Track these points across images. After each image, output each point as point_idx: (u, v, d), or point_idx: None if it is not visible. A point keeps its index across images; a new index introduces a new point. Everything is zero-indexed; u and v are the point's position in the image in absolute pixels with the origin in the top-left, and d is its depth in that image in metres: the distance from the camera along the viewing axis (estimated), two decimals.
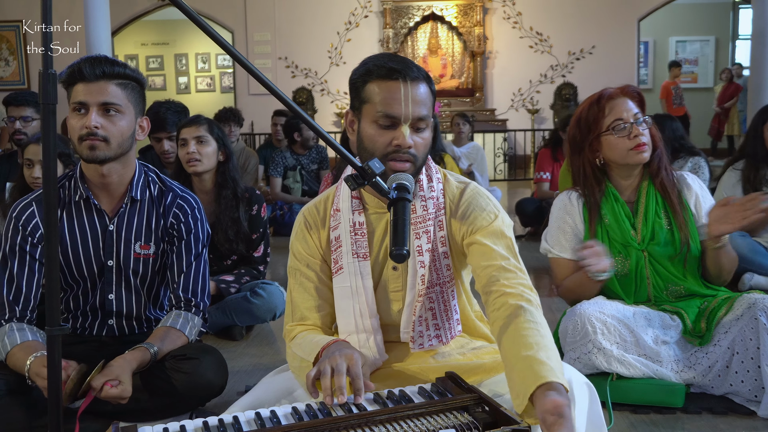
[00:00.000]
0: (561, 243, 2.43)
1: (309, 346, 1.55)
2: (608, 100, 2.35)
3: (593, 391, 1.51)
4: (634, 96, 2.36)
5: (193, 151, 2.99)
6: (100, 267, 2.05)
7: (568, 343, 2.26)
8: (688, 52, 13.59)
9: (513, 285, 1.49)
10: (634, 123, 2.30)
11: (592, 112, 2.36)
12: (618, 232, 2.35)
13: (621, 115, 2.31)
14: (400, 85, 1.52)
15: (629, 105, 2.33)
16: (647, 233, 2.34)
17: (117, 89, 1.91)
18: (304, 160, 6.04)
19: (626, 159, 2.32)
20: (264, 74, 1.26)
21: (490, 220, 1.60)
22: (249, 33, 10.73)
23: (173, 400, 1.97)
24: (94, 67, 1.88)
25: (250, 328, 3.29)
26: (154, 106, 3.82)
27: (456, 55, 10.70)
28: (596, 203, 2.38)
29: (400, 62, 1.54)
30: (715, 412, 2.19)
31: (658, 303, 2.35)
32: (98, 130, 1.89)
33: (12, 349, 1.87)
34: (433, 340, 1.64)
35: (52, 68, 1.20)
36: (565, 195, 2.48)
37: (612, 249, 2.35)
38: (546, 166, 5.19)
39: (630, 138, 2.29)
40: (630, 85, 2.39)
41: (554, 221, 2.47)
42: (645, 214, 2.36)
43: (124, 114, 1.93)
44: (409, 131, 1.53)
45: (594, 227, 2.37)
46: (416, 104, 1.53)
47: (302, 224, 1.72)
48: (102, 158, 1.93)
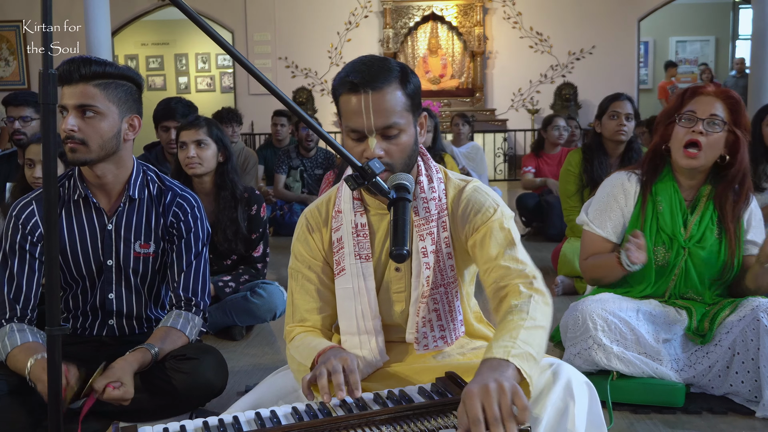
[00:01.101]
0: (602, 220, 2.40)
1: (306, 351, 1.56)
2: (696, 93, 2.29)
3: (593, 390, 1.50)
4: (728, 100, 2.26)
5: (193, 156, 2.99)
6: (99, 266, 2.05)
7: (568, 338, 2.27)
8: (688, 52, 13.59)
9: (507, 283, 1.49)
10: (704, 120, 2.23)
11: (677, 101, 2.33)
12: (669, 222, 2.32)
13: (696, 108, 2.25)
14: (360, 98, 1.49)
15: (713, 105, 2.24)
16: (697, 234, 2.30)
17: (95, 90, 1.88)
18: (308, 163, 6.04)
19: (677, 156, 2.28)
20: (264, 74, 1.26)
21: (490, 215, 1.59)
22: (249, 33, 10.73)
23: (173, 400, 1.96)
24: (72, 70, 1.86)
25: (250, 328, 3.29)
26: (164, 100, 3.99)
27: (456, 55, 10.69)
28: (650, 185, 2.34)
29: (362, 72, 1.50)
30: (715, 412, 2.19)
31: (670, 300, 2.35)
32: (75, 133, 1.87)
33: (12, 351, 1.87)
34: (438, 342, 1.64)
35: (52, 68, 1.20)
36: (624, 174, 2.42)
37: (657, 238, 2.32)
38: (529, 163, 5.68)
39: (689, 131, 2.23)
40: (730, 90, 2.29)
41: (603, 197, 2.42)
42: (701, 214, 2.32)
43: (104, 115, 1.90)
44: (378, 140, 1.50)
45: (645, 211, 2.34)
46: (380, 114, 1.49)
47: (304, 226, 1.72)
48: (83, 161, 1.92)
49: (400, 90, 1.52)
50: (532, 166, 5.62)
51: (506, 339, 1.31)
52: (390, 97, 1.50)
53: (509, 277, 1.50)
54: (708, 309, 2.29)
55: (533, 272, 1.52)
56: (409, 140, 1.55)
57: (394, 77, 1.51)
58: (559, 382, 1.42)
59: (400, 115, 1.51)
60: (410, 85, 1.54)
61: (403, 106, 1.52)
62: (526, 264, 1.53)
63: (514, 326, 1.36)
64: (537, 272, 1.53)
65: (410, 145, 1.55)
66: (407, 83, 1.53)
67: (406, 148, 1.54)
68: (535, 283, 1.49)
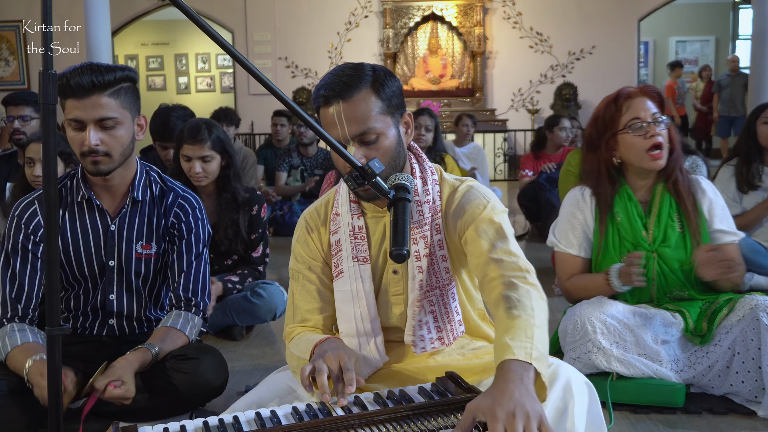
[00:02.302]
0: (569, 238, 2.41)
1: (305, 345, 1.57)
2: (626, 98, 2.31)
3: (593, 390, 1.50)
4: (654, 96, 2.32)
5: (199, 172, 2.95)
6: (101, 267, 2.05)
7: (567, 342, 2.26)
8: (688, 52, 13.59)
9: (501, 275, 1.47)
10: (652, 122, 2.27)
11: (610, 110, 2.33)
12: (629, 231, 2.34)
13: (639, 114, 2.28)
14: (332, 110, 1.50)
15: (648, 104, 2.29)
16: (659, 235, 2.32)
17: (110, 100, 1.85)
18: (308, 163, 6.05)
19: (642, 162, 2.30)
20: (264, 74, 1.26)
21: (480, 210, 1.59)
22: (249, 33, 10.72)
23: (173, 400, 1.97)
24: (83, 81, 1.81)
25: (250, 328, 3.29)
26: (161, 111, 3.72)
27: (456, 55, 10.69)
28: (608, 202, 2.35)
29: (333, 83, 1.50)
30: (716, 412, 2.19)
31: (660, 303, 2.35)
32: (99, 147, 1.86)
33: (12, 350, 1.87)
34: (435, 343, 1.64)
35: (52, 68, 1.20)
36: (578, 191, 2.45)
37: (621, 249, 2.33)
38: (528, 165, 5.57)
39: (646, 137, 2.27)
40: (650, 85, 2.34)
41: (564, 215, 2.45)
42: (658, 215, 2.34)
43: (121, 123, 1.89)
44: (357, 148, 1.50)
45: (605, 225, 2.35)
46: (353, 122, 1.49)
47: (304, 228, 1.73)
48: (106, 171, 1.92)
49: (374, 95, 1.52)
50: (531, 168, 5.51)
51: (522, 338, 1.29)
52: (361, 104, 1.50)
53: (502, 269, 1.49)
54: (703, 308, 2.29)
55: (526, 266, 1.50)
56: (391, 143, 1.55)
57: (365, 83, 1.51)
58: (559, 382, 1.42)
59: (375, 119, 1.51)
60: (385, 89, 1.54)
61: (379, 110, 1.52)
62: (519, 257, 1.52)
63: (526, 324, 1.33)
64: (530, 266, 1.52)
65: (393, 148, 1.55)
66: (381, 87, 1.53)
67: (389, 151, 1.54)
68: (529, 277, 1.48)
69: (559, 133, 5.39)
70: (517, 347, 1.26)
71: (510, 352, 1.25)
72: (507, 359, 1.25)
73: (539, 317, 1.37)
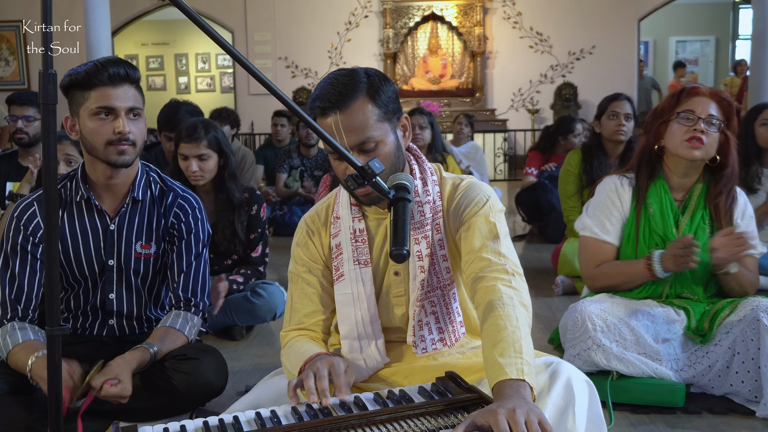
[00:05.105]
0: (604, 225, 2.38)
1: (296, 359, 1.56)
2: (690, 93, 2.29)
3: (593, 389, 1.50)
4: (721, 101, 2.28)
5: (196, 170, 2.95)
6: (101, 267, 2.05)
7: (568, 339, 2.26)
8: (688, 52, 13.59)
9: (486, 276, 1.48)
10: (704, 119, 2.23)
11: (671, 100, 2.32)
12: (660, 224, 2.32)
13: (694, 108, 2.25)
14: (330, 121, 1.50)
15: (709, 105, 2.26)
16: (689, 233, 2.30)
17: (137, 93, 1.95)
18: (308, 163, 6.05)
19: (678, 150, 2.27)
20: (264, 74, 1.26)
21: (478, 208, 1.59)
22: (249, 33, 10.73)
23: (173, 400, 1.97)
24: (119, 71, 1.89)
25: (250, 328, 3.29)
26: (171, 104, 3.81)
27: (456, 55, 10.69)
28: (643, 189, 2.34)
29: (328, 94, 1.49)
30: (715, 412, 2.19)
31: (667, 300, 2.34)
32: (130, 135, 1.91)
33: (13, 349, 1.87)
34: (437, 344, 1.64)
35: (52, 68, 1.20)
36: (617, 178, 2.42)
37: (650, 241, 2.32)
38: (534, 164, 5.43)
39: (690, 129, 2.24)
40: (723, 91, 2.31)
41: (601, 201, 2.42)
42: (692, 214, 2.33)
43: (143, 117, 1.98)
44: (357, 156, 1.50)
45: (639, 214, 2.34)
46: (351, 132, 1.49)
47: (304, 231, 1.72)
48: (130, 162, 1.95)
49: (370, 103, 1.51)
50: (536, 167, 5.41)
51: (512, 354, 1.31)
52: (359, 114, 1.50)
53: (488, 270, 1.49)
54: (707, 309, 2.29)
55: (513, 268, 1.51)
56: (390, 149, 1.55)
57: (360, 92, 1.50)
58: (559, 381, 1.43)
59: (373, 128, 1.51)
60: (381, 95, 1.53)
61: (376, 117, 1.52)
62: (508, 258, 1.52)
63: (512, 337, 1.35)
64: (518, 268, 1.52)
65: (392, 153, 1.55)
66: (377, 93, 1.52)
67: (388, 157, 1.54)
68: (514, 281, 1.48)
69: (573, 140, 5.31)
70: (508, 365, 1.29)
71: (503, 373, 1.28)
72: (501, 380, 1.28)
73: (524, 328, 1.39)
